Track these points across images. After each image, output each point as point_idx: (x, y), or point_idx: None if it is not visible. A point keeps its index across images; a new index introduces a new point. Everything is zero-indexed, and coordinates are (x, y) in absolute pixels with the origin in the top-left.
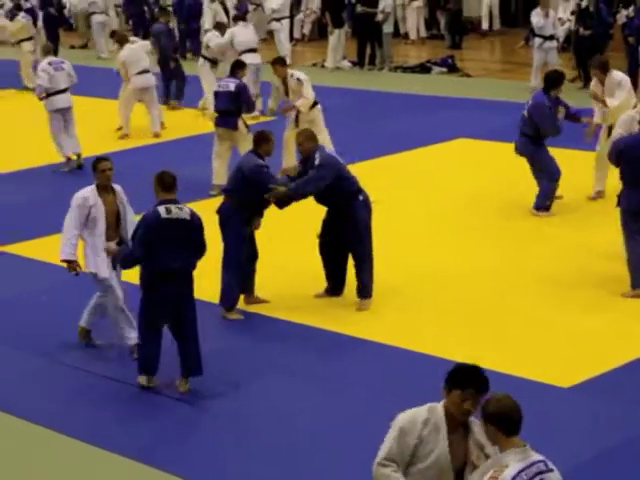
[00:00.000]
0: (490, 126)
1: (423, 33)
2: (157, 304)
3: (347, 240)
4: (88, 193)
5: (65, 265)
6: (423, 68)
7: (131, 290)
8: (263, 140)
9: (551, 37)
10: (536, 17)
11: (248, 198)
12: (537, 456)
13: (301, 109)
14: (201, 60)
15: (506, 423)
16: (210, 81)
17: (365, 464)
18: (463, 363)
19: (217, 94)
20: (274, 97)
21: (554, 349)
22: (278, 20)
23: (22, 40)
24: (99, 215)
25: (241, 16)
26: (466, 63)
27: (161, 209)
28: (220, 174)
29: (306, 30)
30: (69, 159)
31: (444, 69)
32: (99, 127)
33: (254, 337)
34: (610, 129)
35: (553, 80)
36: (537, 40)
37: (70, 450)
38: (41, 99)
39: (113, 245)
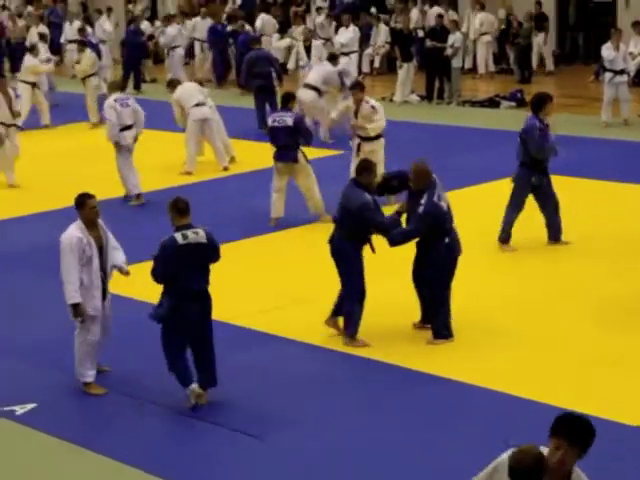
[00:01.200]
0: (559, 161)
1: (492, 67)
2: (181, 325)
3: (424, 280)
4: (79, 233)
5: (72, 309)
6: (492, 102)
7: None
8: (365, 170)
9: (622, 72)
10: (607, 51)
11: (357, 229)
12: None
13: (370, 132)
14: None
15: (514, 476)
16: None
17: None
18: (571, 412)
19: (273, 129)
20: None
21: (624, 385)
22: (346, 54)
23: (89, 75)
24: (93, 253)
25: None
26: None
27: (178, 236)
28: (279, 208)
29: (377, 64)
30: (139, 195)
31: (513, 103)
32: (170, 161)
33: (318, 368)
34: None
35: (537, 102)
36: (607, 75)
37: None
38: (109, 139)
39: None
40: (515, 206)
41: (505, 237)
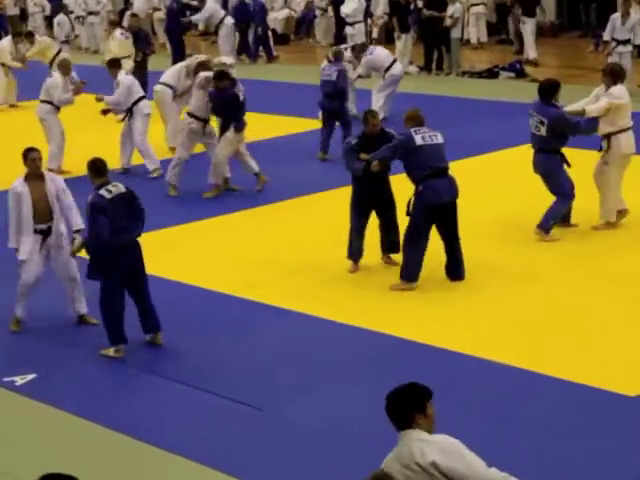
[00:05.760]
0: None
1: (484, 38)
2: (116, 276)
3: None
4: (16, 183)
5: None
6: (491, 73)
7: None
8: (365, 120)
9: (626, 42)
10: (613, 21)
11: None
12: None
13: None
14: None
15: None
16: None
17: None
18: (408, 386)
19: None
20: None
21: (621, 357)
22: (351, 25)
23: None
24: (24, 201)
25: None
26: (534, 68)
27: (103, 192)
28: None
29: (375, 35)
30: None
31: (512, 74)
32: None
33: (325, 342)
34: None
35: (550, 88)
36: (613, 44)
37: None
38: None
39: (76, 243)
40: (567, 195)
41: (549, 227)
